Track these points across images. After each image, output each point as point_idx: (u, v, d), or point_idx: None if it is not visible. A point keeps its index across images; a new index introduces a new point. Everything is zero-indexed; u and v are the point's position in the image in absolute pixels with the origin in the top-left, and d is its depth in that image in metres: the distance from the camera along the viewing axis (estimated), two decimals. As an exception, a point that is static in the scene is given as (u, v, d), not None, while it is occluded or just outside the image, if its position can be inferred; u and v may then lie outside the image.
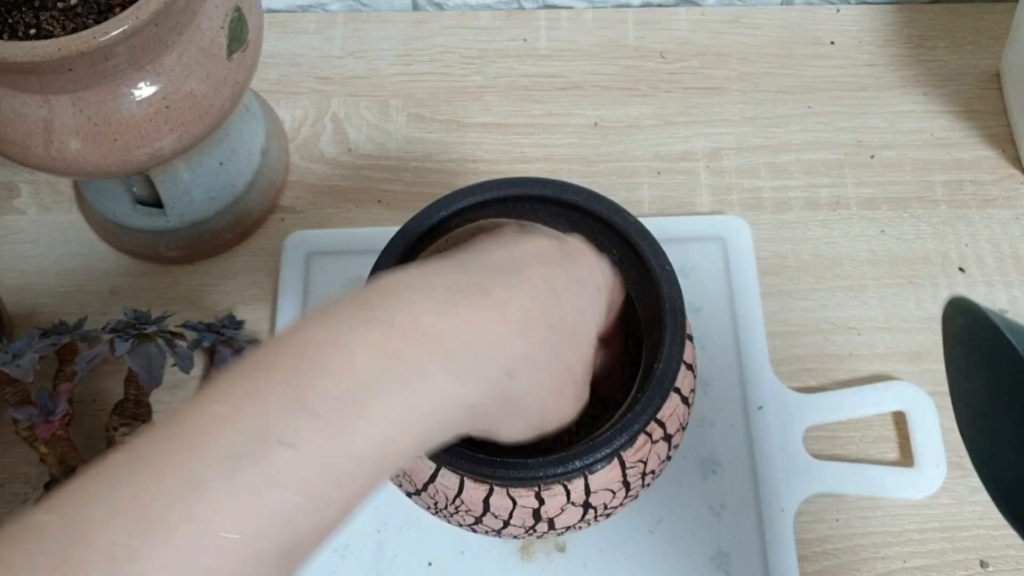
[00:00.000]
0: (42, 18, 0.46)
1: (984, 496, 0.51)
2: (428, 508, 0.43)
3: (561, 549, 0.50)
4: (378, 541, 0.50)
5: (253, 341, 0.54)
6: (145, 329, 0.50)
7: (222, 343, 0.52)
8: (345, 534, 0.50)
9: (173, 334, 0.51)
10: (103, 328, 0.50)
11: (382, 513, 0.50)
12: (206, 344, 0.52)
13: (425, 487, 0.42)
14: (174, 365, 0.51)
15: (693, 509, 0.50)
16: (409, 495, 0.43)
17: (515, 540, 0.50)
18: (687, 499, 0.50)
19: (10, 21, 0.46)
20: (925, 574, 0.49)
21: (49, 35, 0.45)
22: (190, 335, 0.53)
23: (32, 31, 0.46)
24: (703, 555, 0.49)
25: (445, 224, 0.45)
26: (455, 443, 0.40)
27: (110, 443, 0.49)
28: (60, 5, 0.46)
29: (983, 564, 0.50)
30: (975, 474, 0.52)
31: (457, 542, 0.50)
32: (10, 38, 0.45)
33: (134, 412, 0.50)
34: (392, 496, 0.50)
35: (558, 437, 0.45)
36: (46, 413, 0.49)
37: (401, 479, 0.43)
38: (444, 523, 0.47)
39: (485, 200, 0.45)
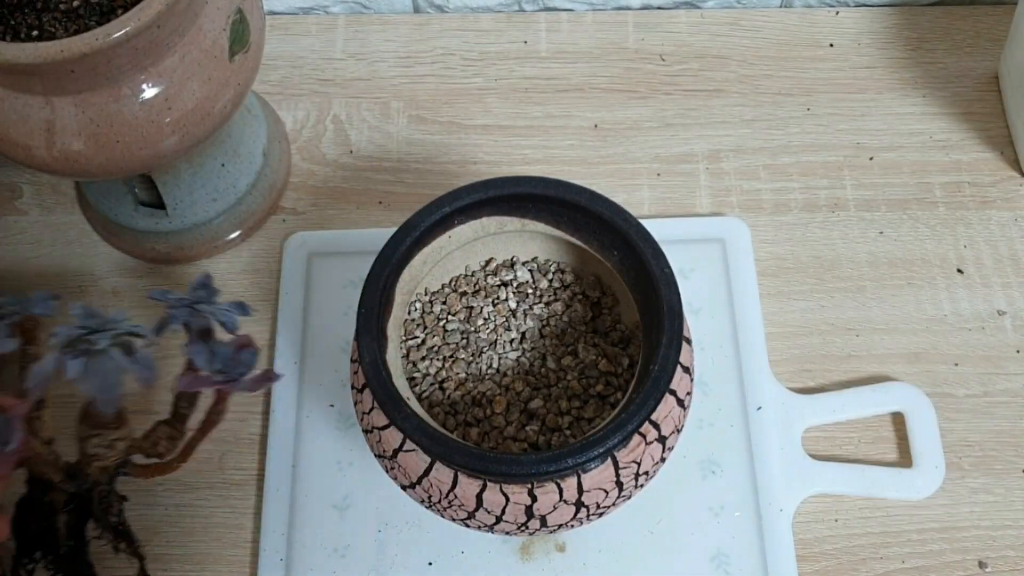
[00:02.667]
0: (44, 20, 0.46)
1: (982, 497, 0.51)
2: (422, 502, 0.43)
3: (561, 549, 0.50)
4: (379, 541, 0.50)
5: (237, 305, 0.45)
6: (97, 342, 0.41)
7: (198, 317, 0.44)
8: (346, 534, 0.50)
9: (132, 335, 0.42)
10: (52, 334, 0.41)
11: (383, 513, 0.51)
12: (175, 325, 0.44)
13: (420, 480, 0.42)
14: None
15: (692, 509, 0.50)
16: (404, 488, 0.44)
17: (514, 539, 0.50)
18: (686, 499, 0.51)
19: (12, 23, 0.46)
20: (923, 574, 0.50)
21: (51, 37, 0.46)
22: (161, 315, 0.44)
23: (34, 33, 0.46)
24: (702, 555, 0.49)
25: (448, 220, 0.45)
26: (450, 437, 0.40)
27: (83, 455, 0.44)
28: (62, 7, 0.47)
29: (981, 565, 0.50)
30: (973, 475, 0.52)
31: (457, 542, 0.50)
32: (12, 39, 0.45)
33: (103, 420, 0.43)
34: (393, 496, 0.51)
35: (551, 436, 0.45)
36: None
37: (396, 472, 0.43)
38: (445, 523, 0.47)
39: (489, 198, 0.45)
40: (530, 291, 0.49)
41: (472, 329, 0.48)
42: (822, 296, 0.57)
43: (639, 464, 0.42)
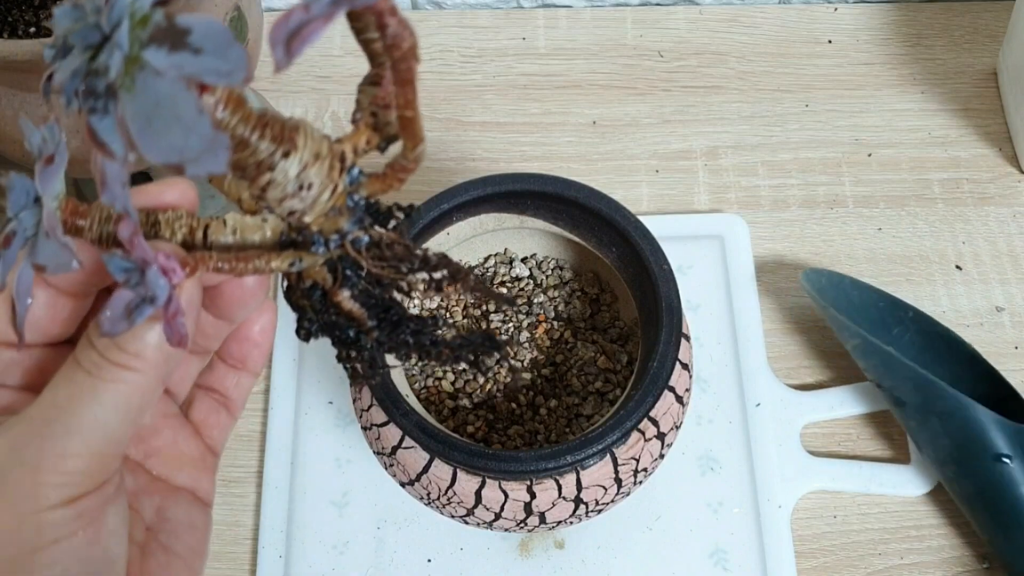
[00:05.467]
0: (42, 16, 0.46)
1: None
2: (421, 499, 0.43)
3: (560, 546, 0.50)
4: (378, 538, 0.50)
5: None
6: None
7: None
8: (345, 531, 0.50)
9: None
10: None
11: (382, 510, 0.51)
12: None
13: (419, 477, 0.42)
14: None
15: (691, 506, 0.50)
16: (403, 485, 0.44)
17: (513, 536, 0.50)
18: (685, 496, 0.51)
19: (10, 19, 0.46)
20: (922, 570, 0.50)
21: (49, 33, 0.45)
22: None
23: (32, 29, 0.46)
24: (701, 551, 0.49)
25: (447, 217, 0.45)
26: (449, 434, 0.40)
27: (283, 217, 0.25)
28: (59, 3, 0.47)
29: (981, 560, 0.50)
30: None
31: (456, 539, 0.50)
32: (10, 36, 0.45)
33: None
34: (392, 493, 0.51)
35: (549, 433, 0.45)
36: None
37: (396, 469, 0.43)
38: (444, 520, 0.47)
39: (487, 195, 0.45)
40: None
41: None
42: (820, 292, 0.57)
43: (638, 461, 0.42)
